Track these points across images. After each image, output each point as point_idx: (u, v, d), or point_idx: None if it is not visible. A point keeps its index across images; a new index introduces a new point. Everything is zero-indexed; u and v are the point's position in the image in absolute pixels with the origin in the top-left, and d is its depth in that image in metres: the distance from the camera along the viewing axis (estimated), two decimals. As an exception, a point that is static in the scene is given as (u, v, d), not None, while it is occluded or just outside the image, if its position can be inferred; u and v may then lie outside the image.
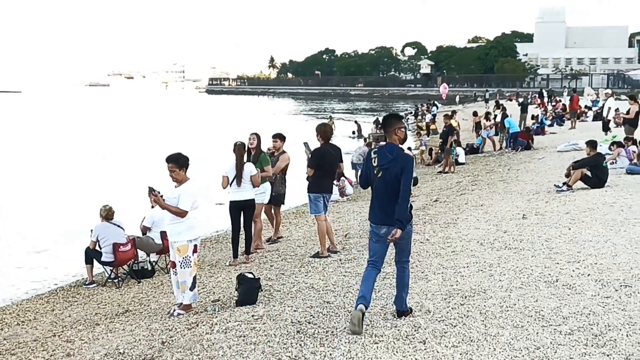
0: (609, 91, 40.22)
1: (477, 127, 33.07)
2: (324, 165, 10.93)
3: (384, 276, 8.92)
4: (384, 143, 7.20)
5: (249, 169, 11.44)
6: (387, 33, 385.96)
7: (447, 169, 22.84)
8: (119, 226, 11.74)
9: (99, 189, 21.92)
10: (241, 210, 11.44)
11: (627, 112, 23.25)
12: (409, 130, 43.69)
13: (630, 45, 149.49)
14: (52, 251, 14.74)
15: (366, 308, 6.70)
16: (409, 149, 20.37)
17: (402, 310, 7.09)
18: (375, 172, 6.95)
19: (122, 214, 12.53)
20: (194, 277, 8.54)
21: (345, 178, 19.54)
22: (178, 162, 8.35)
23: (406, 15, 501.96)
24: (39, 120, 64.37)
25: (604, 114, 28.49)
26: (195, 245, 8.50)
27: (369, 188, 7.20)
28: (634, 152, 18.10)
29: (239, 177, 11.25)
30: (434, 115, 50.02)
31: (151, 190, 8.61)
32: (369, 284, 6.85)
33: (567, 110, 39.22)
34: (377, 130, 35.95)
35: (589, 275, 8.04)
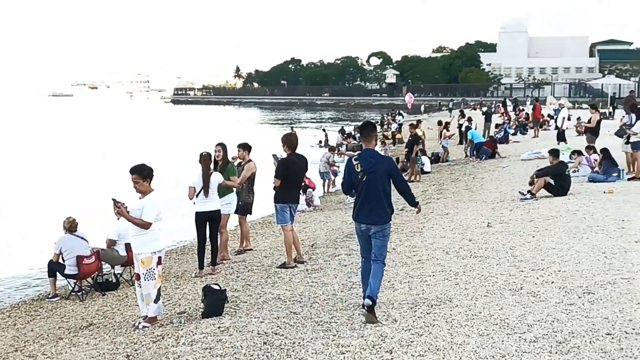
0: (563, 101, 41.02)
1: (442, 136, 33.30)
2: (291, 175, 10.91)
3: (350, 286, 8.93)
4: (356, 153, 8.07)
5: (217, 178, 11.39)
6: (352, 43, 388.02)
7: (412, 178, 22.96)
8: (82, 238, 11.58)
9: (63, 200, 21.63)
10: (207, 221, 11.38)
11: (589, 121, 23.64)
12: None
13: (591, 55, 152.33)
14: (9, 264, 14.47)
15: (368, 304, 7.24)
16: None
17: (374, 299, 7.34)
18: (359, 176, 7.58)
19: (87, 225, 12.38)
20: (159, 289, 8.46)
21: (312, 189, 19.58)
22: (142, 173, 8.27)
23: (372, 25, 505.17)
24: None
25: (559, 124, 29.00)
26: (160, 257, 8.41)
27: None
28: (596, 160, 18.40)
29: (205, 187, 11.18)
30: (400, 125, 50.30)
31: (115, 202, 8.52)
32: (368, 277, 7.60)
33: (530, 119, 39.74)
34: (343, 140, 36.18)
35: (552, 282, 8.13)
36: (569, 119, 30.70)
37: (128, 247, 11.21)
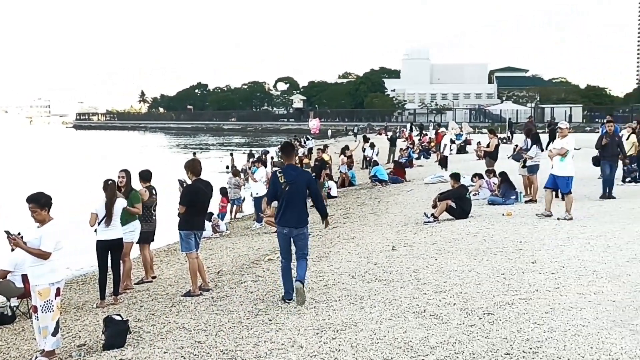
0: (444, 129, 42.50)
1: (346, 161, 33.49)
2: (196, 202, 10.78)
3: (256, 312, 8.87)
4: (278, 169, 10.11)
5: (121, 205, 11.15)
6: (259, 68, 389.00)
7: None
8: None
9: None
10: (109, 250, 11.09)
11: (487, 145, 24.46)
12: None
13: (490, 81, 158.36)
14: None
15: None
16: None
17: (302, 281, 9.07)
18: (282, 187, 9.17)
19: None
20: (57, 322, 8.15)
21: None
22: (39, 202, 7.99)
23: (278, 50, 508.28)
24: None
25: (441, 150, 29.93)
26: (58, 289, 8.12)
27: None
28: (495, 183, 19.04)
29: (108, 215, 10.91)
30: (310, 149, 50.74)
31: (8, 235, 8.14)
32: (289, 275, 9.35)
33: (433, 143, 40.81)
34: (252, 164, 36.08)
35: (454, 304, 8.31)
36: (478, 143, 31.69)
37: (25, 278, 10.76)
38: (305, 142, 56.76)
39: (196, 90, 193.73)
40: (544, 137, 27.48)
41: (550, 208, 14.66)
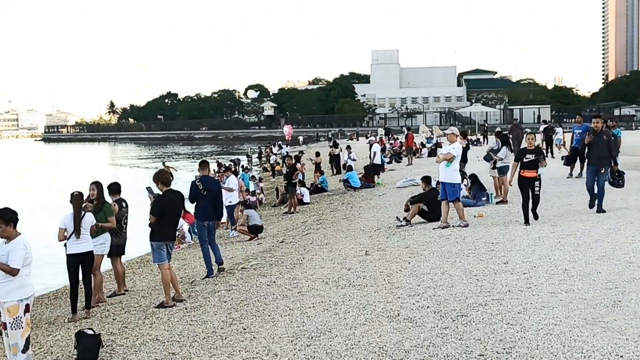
0: (381, 132, 42.63)
1: (317, 168, 33.53)
2: (167, 212, 10.72)
3: (230, 322, 8.81)
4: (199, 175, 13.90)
5: (89, 219, 11.02)
6: (229, 76, 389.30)
7: (292, 209, 23.09)
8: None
9: None
10: (80, 264, 10.95)
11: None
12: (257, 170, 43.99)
13: (459, 84, 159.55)
14: None
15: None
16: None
17: (222, 261, 13.01)
18: (202, 192, 12.71)
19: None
20: (27, 338, 8.01)
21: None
22: (4, 218, 7.87)
23: (248, 58, 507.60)
24: None
25: (371, 158, 29.37)
26: (27, 305, 7.98)
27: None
28: (466, 185, 19.13)
29: (77, 229, 10.78)
30: (284, 156, 50.73)
31: None
32: (209, 257, 12.84)
33: (404, 147, 40.96)
34: (222, 173, 35.96)
35: (428, 307, 8.33)
36: (439, 146, 31.75)
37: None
38: (281, 150, 56.88)
39: (166, 100, 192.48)
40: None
41: (447, 219, 14.48)
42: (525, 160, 14.00)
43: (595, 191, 14.66)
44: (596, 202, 14.61)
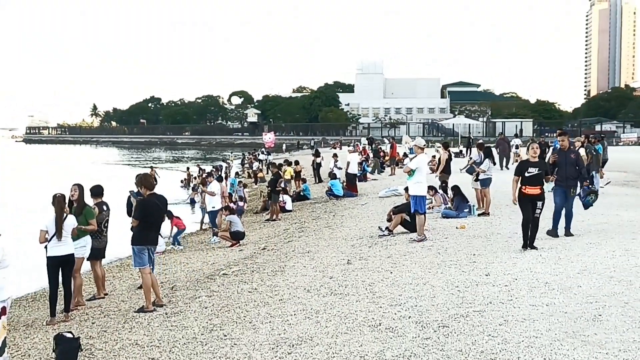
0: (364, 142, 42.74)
1: (297, 175, 33.48)
2: (150, 217, 10.65)
3: (211, 328, 8.77)
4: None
5: (71, 222, 10.93)
6: (213, 82, 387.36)
7: (274, 217, 23.06)
8: None
9: None
10: (60, 266, 10.85)
11: (439, 160, 24.64)
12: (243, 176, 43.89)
13: (443, 96, 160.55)
14: None
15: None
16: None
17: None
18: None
19: None
20: (4, 341, 7.90)
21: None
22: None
23: (232, 64, 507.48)
24: None
25: (344, 168, 29.18)
26: (4, 307, 7.87)
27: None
28: (449, 197, 19.21)
29: (59, 231, 10.69)
30: (270, 163, 50.77)
31: None
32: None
33: (387, 157, 41.00)
34: (204, 178, 35.97)
35: (409, 317, 8.33)
36: (433, 156, 31.74)
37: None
38: (262, 156, 56.92)
39: (149, 104, 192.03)
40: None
41: (422, 232, 14.40)
42: (527, 174, 12.28)
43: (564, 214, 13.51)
44: (563, 225, 13.53)
